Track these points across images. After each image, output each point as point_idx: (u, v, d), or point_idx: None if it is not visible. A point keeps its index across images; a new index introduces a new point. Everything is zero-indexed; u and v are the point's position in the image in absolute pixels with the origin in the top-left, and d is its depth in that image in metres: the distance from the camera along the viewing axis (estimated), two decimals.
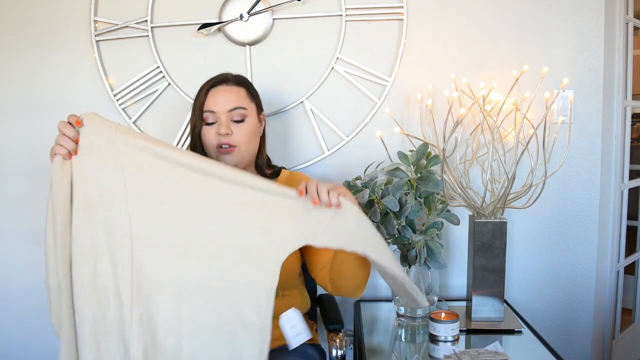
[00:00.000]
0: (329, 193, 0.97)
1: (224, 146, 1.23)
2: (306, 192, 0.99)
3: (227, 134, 1.22)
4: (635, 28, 1.89)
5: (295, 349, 1.15)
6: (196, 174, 0.97)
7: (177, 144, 1.64)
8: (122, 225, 0.97)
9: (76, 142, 0.97)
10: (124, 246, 0.97)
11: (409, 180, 1.37)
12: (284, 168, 1.38)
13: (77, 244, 0.95)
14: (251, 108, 1.27)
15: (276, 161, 1.41)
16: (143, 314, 0.96)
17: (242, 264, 0.97)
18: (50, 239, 0.96)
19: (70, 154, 0.97)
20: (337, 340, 1.33)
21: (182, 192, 0.97)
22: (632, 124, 1.98)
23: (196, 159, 0.98)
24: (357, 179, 1.44)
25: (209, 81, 1.26)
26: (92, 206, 0.96)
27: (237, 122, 1.24)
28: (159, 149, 0.98)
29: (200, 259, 0.97)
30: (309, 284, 1.44)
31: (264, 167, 1.33)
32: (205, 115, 1.24)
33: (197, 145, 1.27)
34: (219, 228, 0.97)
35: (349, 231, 0.98)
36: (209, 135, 1.24)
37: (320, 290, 1.57)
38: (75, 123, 0.97)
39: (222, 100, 1.23)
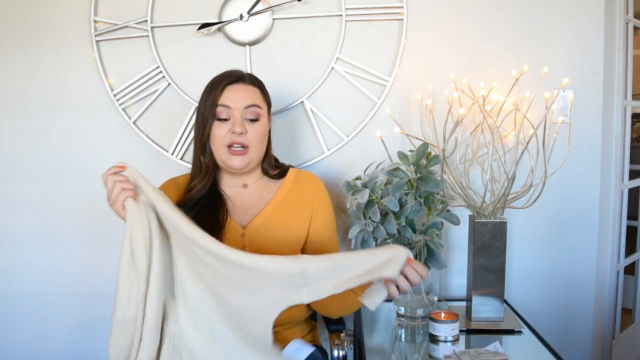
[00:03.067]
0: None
1: (235, 146, 1.22)
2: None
3: (242, 133, 1.21)
4: (635, 28, 1.89)
5: None
6: (202, 251, 1.02)
7: (177, 144, 1.65)
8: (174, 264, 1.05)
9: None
10: (180, 281, 1.04)
11: (409, 180, 1.37)
12: (292, 167, 1.37)
13: (152, 278, 1.00)
14: (264, 108, 1.28)
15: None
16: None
17: (247, 322, 1.05)
18: (125, 277, 0.99)
19: (136, 195, 1.02)
20: (339, 342, 1.34)
21: (195, 262, 1.04)
22: (632, 124, 1.98)
23: (202, 239, 1.01)
24: (357, 179, 1.44)
25: (225, 77, 1.24)
26: (162, 241, 1.02)
27: (252, 121, 1.24)
28: (172, 218, 1.02)
29: (218, 315, 1.05)
30: None
31: (270, 167, 1.33)
32: (219, 109, 1.22)
33: (205, 143, 1.24)
34: (226, 293, 1.04)
35: (327, 278, 1.00)
36: (220, 132, 1.22)
37: None
38: (120, 167, 1.02)
39: (239, 97, 1.22)
